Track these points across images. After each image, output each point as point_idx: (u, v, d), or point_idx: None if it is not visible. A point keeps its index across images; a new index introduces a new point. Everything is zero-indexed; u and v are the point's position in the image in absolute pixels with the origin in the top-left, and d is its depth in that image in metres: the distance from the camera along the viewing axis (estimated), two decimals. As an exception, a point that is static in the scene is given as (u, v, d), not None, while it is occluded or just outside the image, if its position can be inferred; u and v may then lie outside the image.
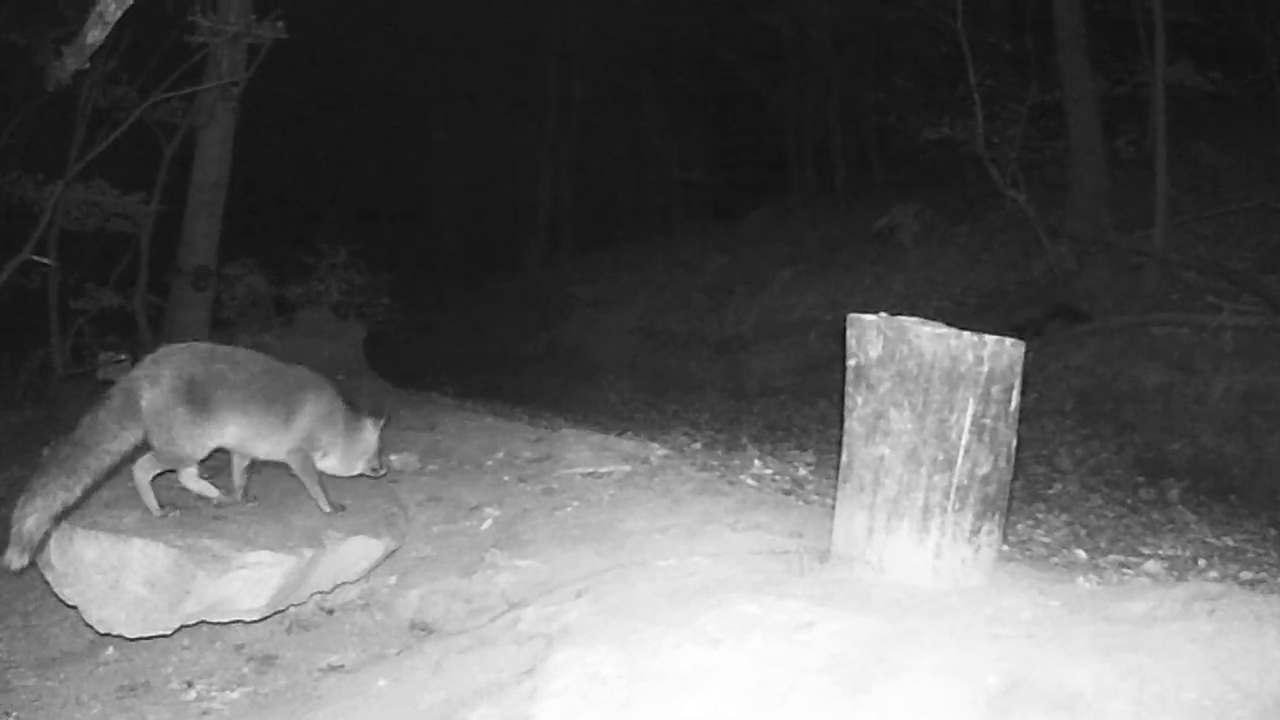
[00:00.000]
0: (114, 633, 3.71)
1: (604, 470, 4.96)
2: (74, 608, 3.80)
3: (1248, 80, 11.29)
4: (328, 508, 4.18)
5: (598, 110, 20.29)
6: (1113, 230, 9.99)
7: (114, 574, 3.64)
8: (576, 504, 4.54)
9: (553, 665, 2.81)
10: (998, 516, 3.13)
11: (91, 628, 3.79)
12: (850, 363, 3.18)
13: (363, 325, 9.20)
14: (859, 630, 2.70)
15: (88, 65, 6.20)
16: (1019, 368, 3.07)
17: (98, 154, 8.66)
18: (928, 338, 3.00)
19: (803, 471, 5.65)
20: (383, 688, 3.26)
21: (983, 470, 3.03)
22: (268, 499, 4.30)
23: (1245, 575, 4.86)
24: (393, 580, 4.14)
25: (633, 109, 20.59)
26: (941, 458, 2.99)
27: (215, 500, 4.17)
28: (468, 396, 9.07)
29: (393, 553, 4.20)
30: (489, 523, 4.46)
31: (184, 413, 3.86)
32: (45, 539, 3.66)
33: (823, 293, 11.79)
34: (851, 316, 3.21)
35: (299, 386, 4.20)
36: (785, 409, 9.99)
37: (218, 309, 9.24)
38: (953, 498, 3.01)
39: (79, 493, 3.71)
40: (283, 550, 3.79)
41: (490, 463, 5.25)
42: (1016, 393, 3.08)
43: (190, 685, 3.74)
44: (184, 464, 4.04)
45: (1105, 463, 7.46)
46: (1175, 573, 4.66)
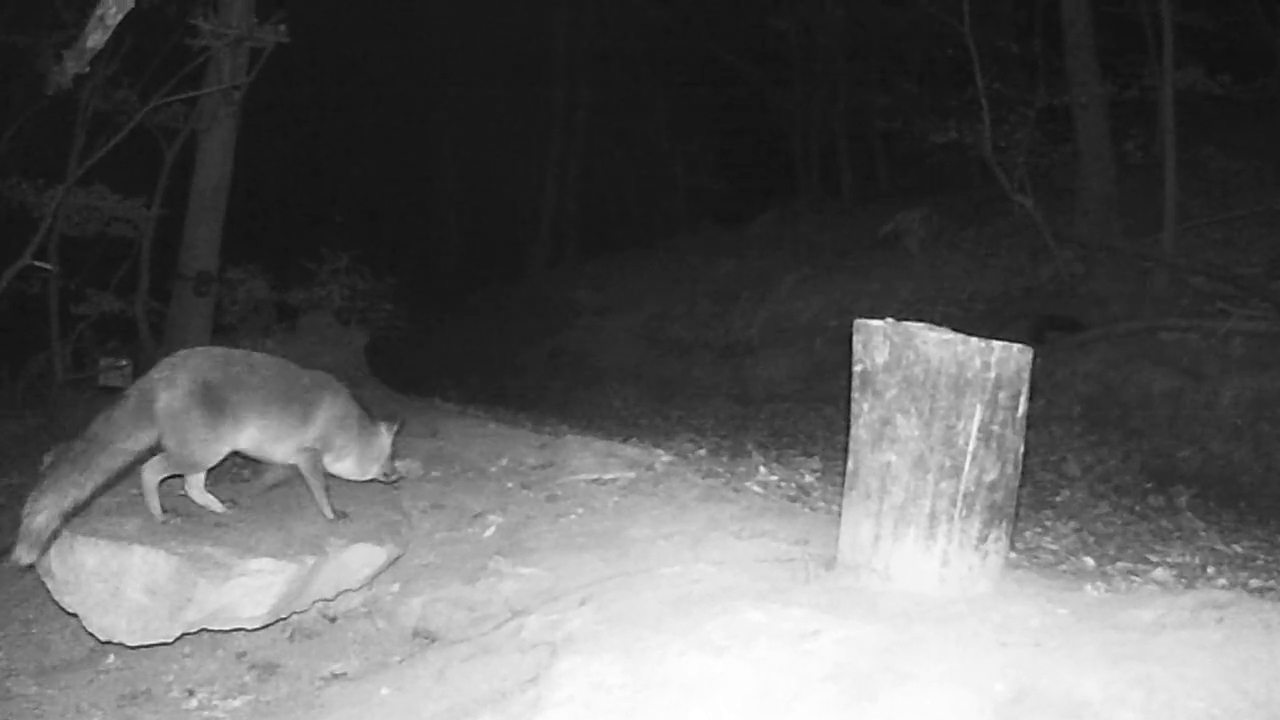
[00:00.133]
0: (115, 640, 3.68)
1: (608, 477, 4.94)
2: (74, 615, 3.77)
3: (1258, 84, 11.25)
4: (330, 514, 4.16)
5: (603, 114, 20.28)
6: (1121, 235, 9.97)
7: (115, 581, 3.62)
8: (581, 511, 4.52)
9: (557, 674, 2.79)
10: (1005, 524, 3.11)
11: (92, 635, 3.76)
12: (856, 368, 3.16)
13: (365, 331, 9.19)
14: (865, 638, 2.68)
15: (88, 69, 6.20)
16: (1026, 374, 3.05)
17: (98, 158, 8.65)
18: (935, 343, 2.98)
19: (808, 478, 5.61)
20: (385, 696, 3.25)
21: (990, 477, 3.00)
22: (269, 507, 4.28)
23: (1254, 583, 4.81)
24: (396, 588, 4.12)
25: (639, 114, 20.57)
26: (948, 464, 2.97)
27: (220, 514, 4.15)
28: (471, 402, 9.04)
29: (396, 560, 4.18)
30: (492, 530, 4.44)
31: (199, 416, 3.85)
32: (54, 536, 3.64)
33: (829, 298, 11.75)
34: (858, 322, 3.18)
35: (315, 387, 4.21)
36: (791, 415, 9.94)
37: (219, 314, 9.23)
38: (960, 505, 2.99)
39: (90, 490, 3.69)
40: (285, 558, 3.77)
41: (494, 469, 5.23)
42: (1024, 399, 3.06)
43: (192, 693, 3.72)
44: (195, 469, 4.02)
45: (1113, 469, 7.41)
46: (1184, 580, 4.62)
